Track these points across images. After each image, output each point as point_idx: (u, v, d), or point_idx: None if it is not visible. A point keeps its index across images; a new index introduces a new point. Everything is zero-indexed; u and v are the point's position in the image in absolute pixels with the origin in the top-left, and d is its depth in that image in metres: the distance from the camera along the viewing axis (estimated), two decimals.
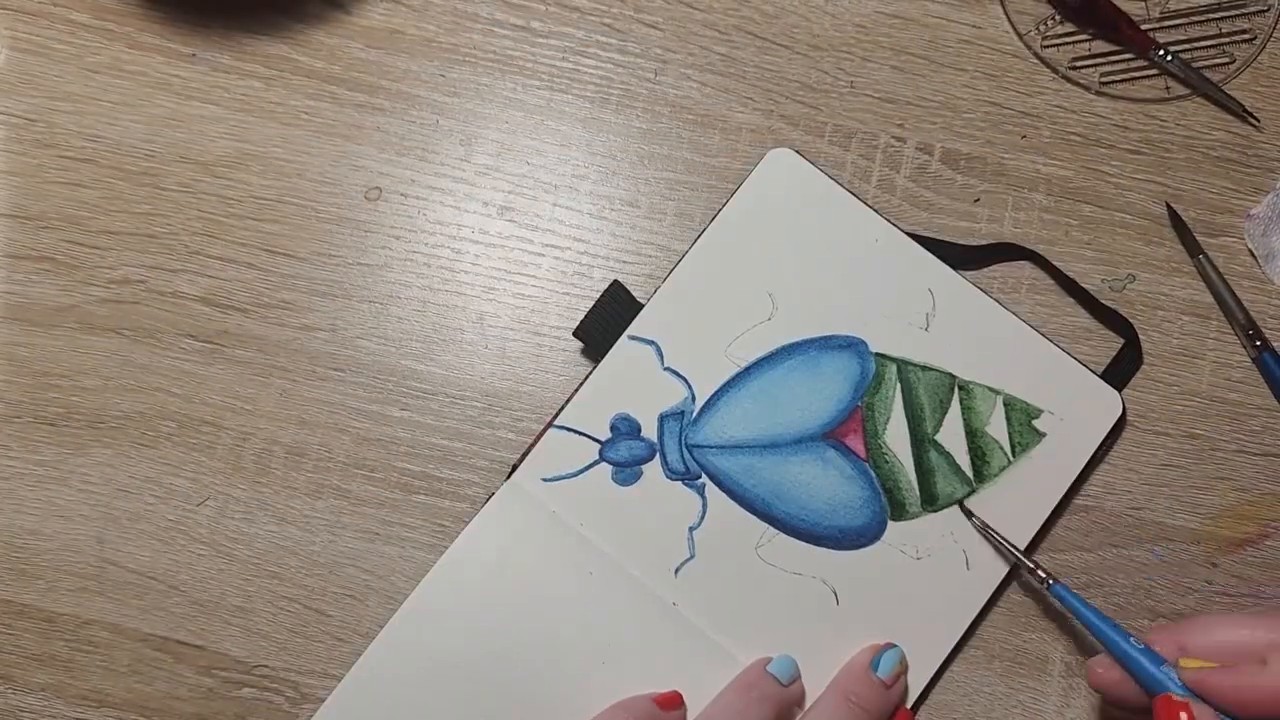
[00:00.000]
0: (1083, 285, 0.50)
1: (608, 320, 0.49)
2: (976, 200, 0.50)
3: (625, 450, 0.48)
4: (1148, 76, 0.51)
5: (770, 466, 0.48)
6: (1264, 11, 0.51)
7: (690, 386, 0.49)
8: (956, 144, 0.50)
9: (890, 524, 0.48)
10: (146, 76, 0.50)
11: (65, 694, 0.49)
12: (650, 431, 0.48)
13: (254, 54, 0.50)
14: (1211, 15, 0.51)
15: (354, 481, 0.49)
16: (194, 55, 0.50)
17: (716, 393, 0.49)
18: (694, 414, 0.49)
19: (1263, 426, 0.50)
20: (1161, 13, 0.51)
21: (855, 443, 0.48)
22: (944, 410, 0.49)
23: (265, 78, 0.50)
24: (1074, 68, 0.51)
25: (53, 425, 0.50)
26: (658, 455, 0.48)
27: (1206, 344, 0.50)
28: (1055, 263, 0.50)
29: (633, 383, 0.49)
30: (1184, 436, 0.50)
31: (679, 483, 0.48)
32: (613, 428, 0.49)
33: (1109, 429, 0.49)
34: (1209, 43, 0.51)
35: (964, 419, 0.49)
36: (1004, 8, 0.51)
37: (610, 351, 0.49)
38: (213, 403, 0.49)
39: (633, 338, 0.49)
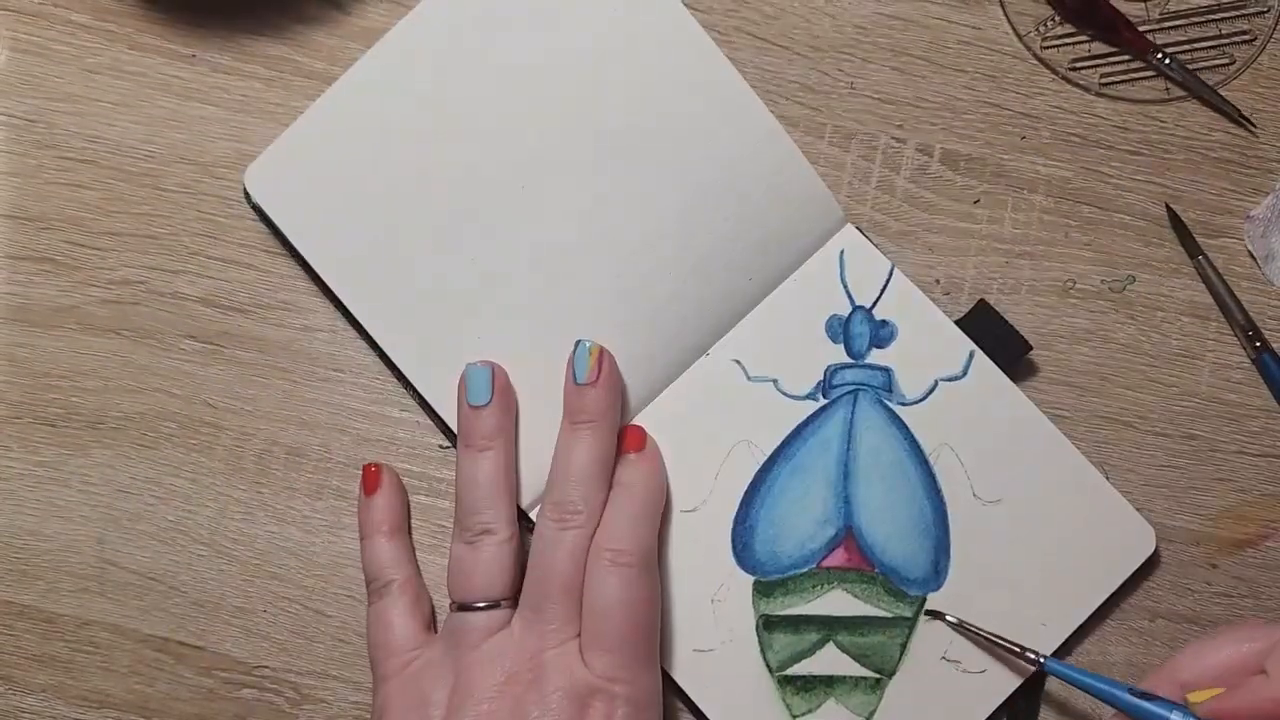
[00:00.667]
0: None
1: None
2: (976, 201, 0.50)
3: None
4: (1147, 78, 0.51)
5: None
6: (1264, 13, 0.51)
7: None
8: (956, 145, 0.50)
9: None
10: (146, 77, 0.50)
11: (65, 695, 0.49)
12: None
13: (254, 54, 0.50)
14: (1211, 17, 0.51)
15: (354, 482, 0.49)
16: (194, 56, 0.50)
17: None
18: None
19: (1262, 428, 0.50)
20: (1161, 14, 0.51)
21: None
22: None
23: (265, 78, 0.50)
24: (1074, 69, 0.51)
25: (53, 426, 0.50)
26: None
27: (1206, 345, 0.50)
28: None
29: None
30: (1183, 438, 0.50)
31: None
32: None
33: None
34: (1209, 44, 0.51)
35: None
36: (1004, 9, 0.51)
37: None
38: (213, 403, 0.50)
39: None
